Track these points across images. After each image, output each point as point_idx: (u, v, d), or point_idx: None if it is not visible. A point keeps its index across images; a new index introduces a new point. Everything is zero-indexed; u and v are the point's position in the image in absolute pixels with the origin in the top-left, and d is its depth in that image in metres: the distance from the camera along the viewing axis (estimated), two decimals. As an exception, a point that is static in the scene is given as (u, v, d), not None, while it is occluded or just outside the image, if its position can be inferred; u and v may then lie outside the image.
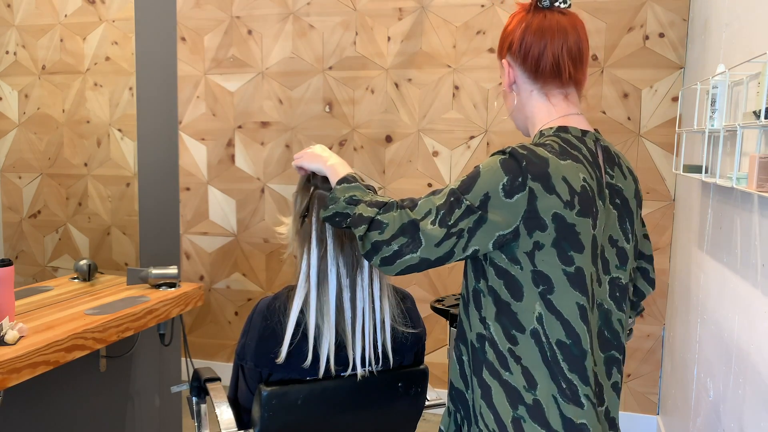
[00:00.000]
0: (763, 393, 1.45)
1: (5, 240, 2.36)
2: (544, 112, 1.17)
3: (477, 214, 1.03)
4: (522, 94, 1.19)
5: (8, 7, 2.29)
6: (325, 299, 1.35)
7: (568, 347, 1.07)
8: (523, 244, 1.04)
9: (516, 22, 1.17)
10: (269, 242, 3.38)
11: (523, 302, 1.06)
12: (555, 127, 1.14)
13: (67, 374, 1.97)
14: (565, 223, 1.03)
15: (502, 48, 1.20)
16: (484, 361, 1.11)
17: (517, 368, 1.07)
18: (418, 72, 3.08)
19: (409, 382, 1.49)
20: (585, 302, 1.07)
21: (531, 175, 1.02)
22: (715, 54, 2.14)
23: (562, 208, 1.02)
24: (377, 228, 1.08)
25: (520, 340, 1.07)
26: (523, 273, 1.05)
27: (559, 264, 1.04)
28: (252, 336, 1.41)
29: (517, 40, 1.15)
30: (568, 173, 1.04)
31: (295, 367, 1.38)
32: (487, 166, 1.05)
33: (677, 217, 2.77)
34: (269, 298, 1.44)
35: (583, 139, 1.12)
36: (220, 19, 3.31)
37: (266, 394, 1.37)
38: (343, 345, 1.38)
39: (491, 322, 1.09)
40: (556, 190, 1.02)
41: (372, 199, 1.14)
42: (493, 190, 1.02)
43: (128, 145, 2.34)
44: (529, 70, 1.16)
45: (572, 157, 1.06)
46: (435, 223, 1.04)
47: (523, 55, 1.15)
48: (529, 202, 1.02)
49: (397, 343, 1.45)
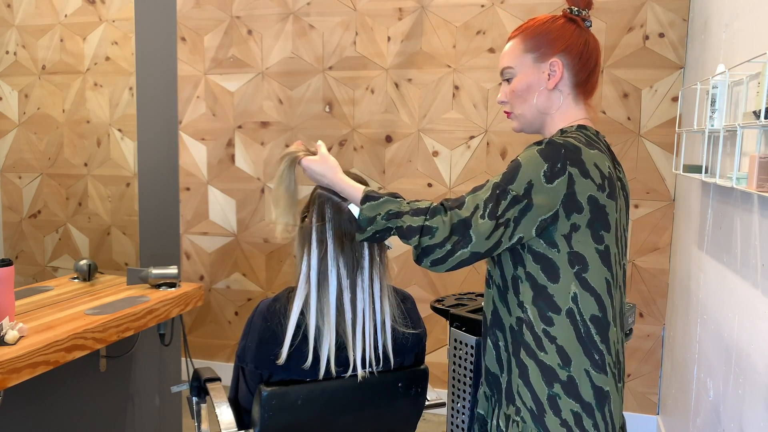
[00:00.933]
0: (763, 393, 1.45)
1: (5, 240, 2.36)
2: (571, 114, 1.25)
3: (523, 202, 1.09)
4: (560, 95, 1.24)
5: (8, 7, 2.29)
6: (325, 300, 1.35)
7: (599, 319, 1.16)
8: (561, 227, 1.12)
9: (567, 29, 1.22)
10: (269, 242, 3.38)
11: (559, 284, 1.14)
12: (576, 125, 1.22)
13: (67, 374, 1.97)
14: (598, 205, 1.12)
15: (548, 46, 1.22)
16: (521, 342, 1.18)
17: (551, 347, 1.15)
18: (418, 72, 3.08)
19: (409, 383, 1.49)
20: (610, 277, 1.16)
21: (569, 161, 1.10)
22: (715, 54, 2.14)
23: (595, 191, 1.11)
24: (428, 234, 1.13)
25: (556, 320, 1.14)
26: (560, 255, 1.13)
27: (592, 243, 1.13)
28: (252, 338, 1.41)
29: (577, 46, 1.22)
30: (598, 160, 1.13)
31: (295, 369, 1.37)
32: (526, 157, 1.12)
33: (677, 217, 2.77)
34: (269, 299, 1.44)
35: (598, 137, 1.23)
36: (220, 19, 3.31)
37: (266, 395, 1.37)
38: (343, 346, 1.38)
39: (528, 305, 1.16)
40: (590, 174, 1.11)
41: (412, 207, 1.18)
42: (535, 178, 1.09)
43: (128, 145, 2.34)
44: (578, 78, 1.23)
45: (598, 148, 1.16)
46: (484, 216, 1.10)
47: (581, 62, 1.22)
48: (569, 186, 1.09)
49: (398, 344, 1.45)
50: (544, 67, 1.22)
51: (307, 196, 1.46)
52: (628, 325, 2.16)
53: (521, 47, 1.25)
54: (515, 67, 1.25)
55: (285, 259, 3.37)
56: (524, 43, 1.25)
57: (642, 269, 2.91)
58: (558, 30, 1.23)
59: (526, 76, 1.24)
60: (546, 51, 1.22)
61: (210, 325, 3.54)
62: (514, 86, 1.25)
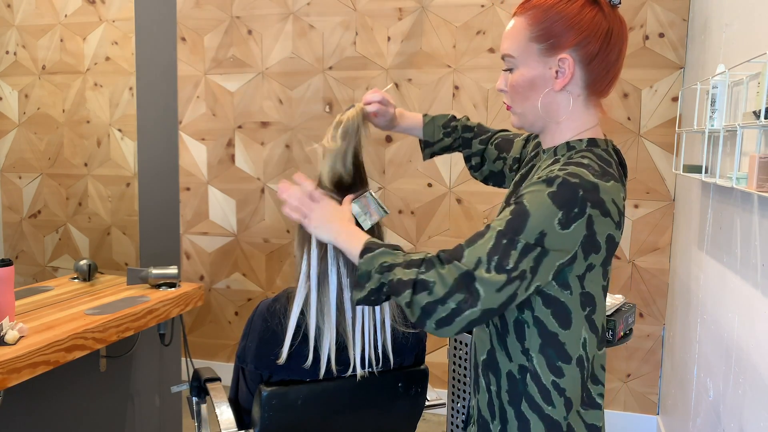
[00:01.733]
0: (763, 393, 1.45)
1: (5, 240, 2.36)
2: (579, 122, 1.08)
3: (536, 250, 0.94)
4: (569, 99, 1.06)
5: (8, 7, 2.29)
6: (325, 300, 1.35)
7: (596, 357, 1.07)
8: (577, 268, 0.99)
9: (585, 14, 1.01)
10: (269, 242, 3.38)
11: (571, 329, 1.02)
12: (585, 140, 1.06)
13: (67, 374, 1.97)
14: (614, 243, 1.00)
15: (559, 38, 1.01)
16: (523, 393, 1.05)
17: (560, 401, 1.03)
18: (418, 72, 3.08)
19: (409, 383, 1.49)
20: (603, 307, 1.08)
21: (590, 203, 0.94)
22: (715, 54, 2.14)
23: (614, 230, 0.99)
24: (424, 289, 0.95)
25: (566, 371, 1.03)
26: (572, 298, 1.01)
27: (600, 281, 1.03)
28: (252, 338, 1.41)
29: (595, 40, 1.01)
30: (614, 194, 0.98)
31: (295, 369, 1.38)
32: (534, 202, 0.95)
33: (677, 217, 2.77)
34: (269, 300, 1.44)
35: (608, 150, 1.07)
36: (220, 19, 3.31)
37: (266, 395, 1.37)
38: (343, 345, 1.38)
39: (535, 354, 1.03)
40: (610, 213, 0.97)
41: (406, 259, 1.00)
42: (548, 227, 0.94)
43: (128, 145, 2.34)
44: (593, 76, 1.04)
45: (612, 177, 1.00)
46: (491, 270, 0.93)
47: (598, 60, 1.02)
48: (588, 227, 0.95)
49: (398, 344, 1.45)
50: (552, 63, 1.02)
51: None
52: (628, 325, 2.16)
53: (526, 33, 1.03)
54: (517, 57, 1.05)
55: (285, 259, 3.37)
56: (530, 28, 1.03)
57: (642, 269, 2.91)
58: (574, 16, 1.00)
59: (529, 71, 1.04)
60: (556, 43, 1.01)
61: (210, 325, 3.54)
62: (514, 80, 1.06)
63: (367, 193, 1.34)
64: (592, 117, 1.09)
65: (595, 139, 1.07)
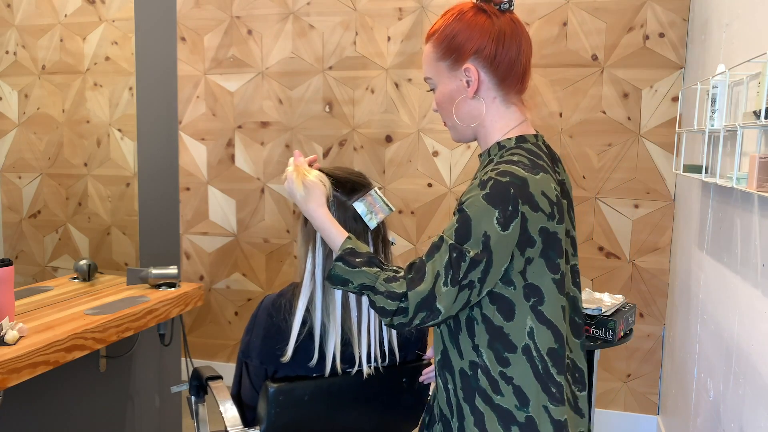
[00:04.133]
0: (763, 393, 1.45)
1: (5, 240, 2.36)
2: (503, 121, 1.14)
3: (482, 261, 1.02)
4: (484, 103, 1.13)
5: (8, 7, 2.29)
6: (330, 298, 1.35)
7: (556, 351, 1.09)
8: (516, 265, 1.05)
9: (476, 24, 1.10)
10: (269, 242, 3.38)
11: (514, 321, 1.07)
12: (514, 138, 1.13)
13: (67, 374, 1.97)
14: (549, 233, 1.05)
15: (459, 51, 1.11)
16: (476, 388, 1.11)
17: (508, 389, 1.08)
18: (418, 72, 3.08)
19: (412, 377, 1.50)
20: (565, 302, 1.11)
21: (521, 200, 1.02)
22: (715, 54, 2.14)
23: (546, 221, 1.05)
24: (401, 314, 1.05)
25: (512, 360, 1.08)
26: (515, 292, 1.07)
27: (548, 273, 1.07)
28: (257, 333, 1.40)
29: (489, 43, 1.09)
30: (545, 186, 1.05)
31: (301, 365, 1.37)
32: (472, 206, 1.03)
33: (677, 217, 2.77)
34: (274, 295, 1.43)
35: (538, 143, 1.14)
36: (220, 19, 3.30)
37: (273, 391, 1.37)
38: (348, 343, 1.38)
39: (484, 349, 1.09)
40: (540, 206, 1.03)
41: (387, 289, 1.06)
42: (489, 228, 1.01)
43: (128, 145, 2.34)
44: (500, 76, 1.12)
45: (542, 169, 1.07)
46: (447, 284, 1.02)
47: (497, 61, 1.10)
48: (522, 225, 1.02)
49: (402, 339, 1.46)
50: (460, 75, 1.12)
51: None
52: (629, 325, 2.16)
53: (434, 55, 1.14)
54: (433, 77, 1.15)
55: (285, 259, 3.37)
56: (435, 49, 1.14)
57: (642, 269, 2.91)
58: (466, 28, 1.10)
59: (445, 86, 1.14)
60: (458, 56, 1.11)
61: (210, 325, 3.54)
62: (438, 98, 1.16)
63: (372, 191, 1.34)
64: (516, 114, 1.15)
65: (523, 135, 1.13)
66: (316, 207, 1.23)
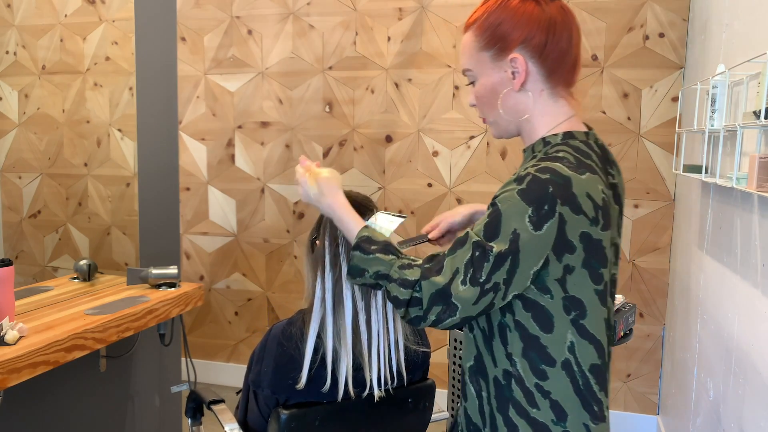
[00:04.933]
0: (763, 393, 1.45)
1: (5, 240, 2.36)
2: (550, 116, 1.07)
3: (508, 260, 0.95)
4: (531, 96, 1.06)
5: (8, 7, 2.28)
6: (341, 323, 1.34)
7: (599, 367, 1.03)
8: (553, 271, 0.98)
9: (523, 11, 1.03)
10: (269, 242, 3.38)
11: (553, 333, 1.00)
12: (561, 134, 1.05)
13: (67, 374, 1.97)
14: (592, 240, 0.97)
15: (504, 40, 1.04)
16: (510, 399, 1.05)
17: (545, 403, 1.02)
18: (418, 72, 3.08)
19: (418, 398, 1.51)
20: (607, 314, 1.04)
21: (560, 200, 0.94)
22: (715, 54, 2.14)
23: (588, 226, 0.96)
24: (416, 305, 1.01)
25: (550, 374, 1.01)
26: (553, 302, 0.99)
27: (590, 284, 1.00)
28: (267, 363, 1.39)
29: (538, 32, 1.02)
30: (590, 188, 0.96)
31: (313, 392, 1.37)
32: (505, 201, 0.96)
33: (677, 217, 2.77)
34: (283, 323, 1.42)
35: (588, 142, 1.05)
36: (220, 19, 3.31)
37: (285, 418, 1.36)
38: (359, 367, 1.37)
39: (518, 358, 1.03)
40: (582, 209, 0.95)
41: (400, 276, 1.03)
42: (520, 226, 0.94)
43: (128, 145, 2.34)
44: (549, 67, 1.04)
45: (589, 169, 0.99)
46: (465, 282, 0.96)
47: (547, 51, 1.03)
48: (559, 228, 0.95)
49: (410, 361, 1.46)
50: (505, 66, 1.05)
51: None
52: (628, 325, 2.16)
53: (475, 44, 1.07)
54: (473, 69, 1.08)
55: (285, 259, 3.37)
56: (477, 39, 1.06)
57: (642, 269, 2.91)
58: (513, 16, 1.03)
59: (488, 78, 1.07)
60: (503, 45, 1.04)
61: (210, 325, 3.54)
62: (478, 92, 1.09)
63: (376, 214, 1.30)
64: (564, 108, 1.07)
65: (571, 131, 1.06)
66: (332, 199, 1.20)
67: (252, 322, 3.47)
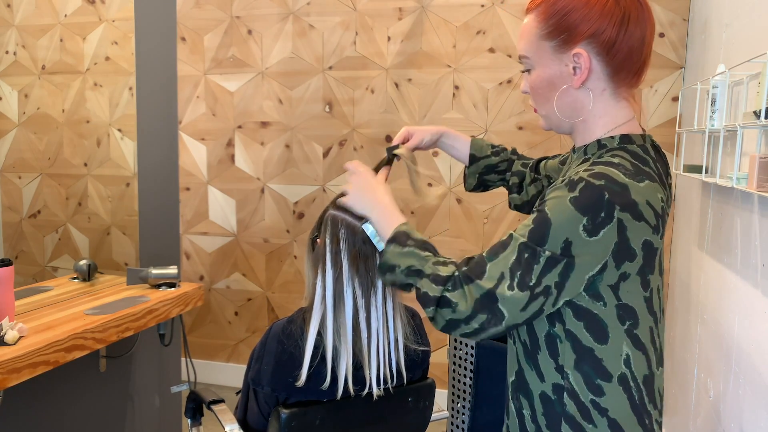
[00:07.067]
0: (763, 393, 1.45)
1: (5, 240, 2.36)
2: (610, 117, 0.98)
3: (562, 262, 0.88)
4: (591, 94, 0.97)
5: (8, 7, 2.29)
6: (342, 321, 1.35)
7: (649, 378, 0.98)
8: (608, 277, 0.91)
9: (596, 1, 0.93)
10: (269, 242, 3.38)
11: (608, 344, 0.94)
12: (618, 137, 0.97)
13: (67, 374, 1.97)
14: (652, 249, 0.92)
15: (571, 31, 0.94)
16: (563, 414, 0.97)
17: (602, 421, 0.95)
18: (418, 72, 3.08)
19: (418, 397, 1.51)
20: (652, 323, 0.98)
21: (619, 206, 0.87)
22: (715, 54, 2.14)
23: (651, 234, 0.91)
24: (448, 305, 0.92)
25: (607, 390, 0.95)
26: (606, 310, 0.93)
27: (641, 291, 0.94)
28: (268, 361, 1.39)
29: (610, 26, 0.93)
30: (650, 196, 0.90)
31: (313, 390, 1.37)
32: (555, 209, 0.89)
33: (677, 217, 2.77)
34: (283, 321, 1.43)
35: (645, 147, 0.98)
36: (220, 19, 3.31)
37: (285, 417, 1.37)
38: (359, 365, 1.38)
39: (570, 370, 0.95)
40: (644, 216, 0.89)
41: (434, 271, 0.96)
42: (573, 235, 0.87)
43: (128, 145, 2.34)
44: (615, 66, 0.95)
45: (647, 176, 0.92)
46: (513, 287, 0.89)
47: (616, 48, 0.94)
48: (620, 233, 0.88)
49: (410, 360, 1.46)
50: (567, 60, 0.96)
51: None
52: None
53: (537, 31, 0.97)
54: (531, 57, 0.99)
55: (285, 259, 3.37)
56: (540, 25, 0.97)
57: (642, 269, 2.90)
58: (584, 5, 0.93)
59: (546, 70, 0.98)
60: (568, 38, 0.95)
61: (210, 325, 3.54)
62: (533, 82, 1.00)
63: None
64: (625, 110, 0.99)
65: (629, 135, 0.98)
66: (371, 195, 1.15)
67: (252, 322, 3.47)
